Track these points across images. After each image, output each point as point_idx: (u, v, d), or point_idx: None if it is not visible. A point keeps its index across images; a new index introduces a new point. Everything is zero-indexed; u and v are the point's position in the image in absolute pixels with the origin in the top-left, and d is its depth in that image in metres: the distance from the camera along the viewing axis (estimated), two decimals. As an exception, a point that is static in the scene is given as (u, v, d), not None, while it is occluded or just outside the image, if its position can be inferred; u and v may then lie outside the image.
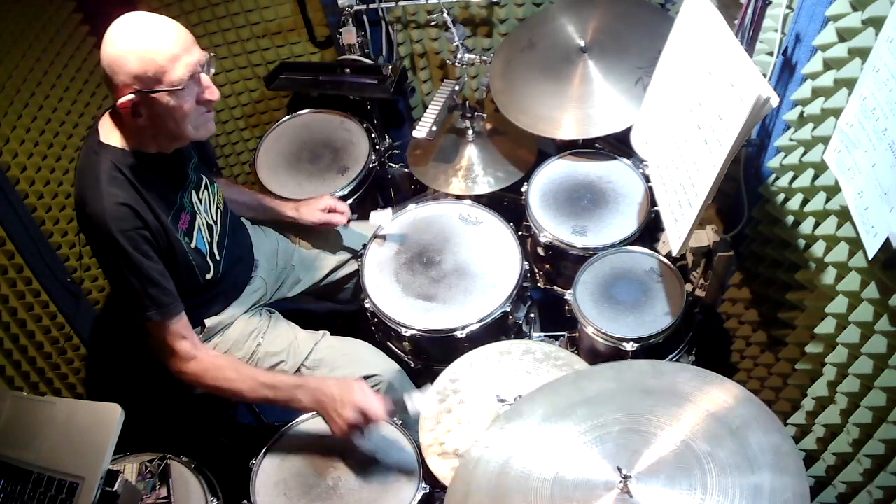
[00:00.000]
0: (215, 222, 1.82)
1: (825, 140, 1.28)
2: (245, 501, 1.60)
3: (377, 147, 2.45)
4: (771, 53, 1.51)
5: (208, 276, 1.76)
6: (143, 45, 1.41)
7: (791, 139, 1.47)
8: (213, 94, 1.53)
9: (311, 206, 2.06)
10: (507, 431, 1.34)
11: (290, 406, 1.67)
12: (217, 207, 1.84)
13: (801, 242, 1.46)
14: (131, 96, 1.44)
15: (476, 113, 2.35)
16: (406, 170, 2.56)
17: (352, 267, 2.17)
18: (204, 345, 1.74)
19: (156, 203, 1.59)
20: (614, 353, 1.79)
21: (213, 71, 1.55)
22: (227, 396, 1.72)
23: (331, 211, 2.06)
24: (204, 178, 1.80)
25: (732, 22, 1.51)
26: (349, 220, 2.09)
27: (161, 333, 1.63)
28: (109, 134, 1.56)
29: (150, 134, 1.56)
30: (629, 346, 1.77)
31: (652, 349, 1.79)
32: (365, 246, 2.08)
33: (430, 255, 2.03)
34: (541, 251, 2.04)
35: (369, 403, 1.57)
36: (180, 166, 1.71)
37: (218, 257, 1.80)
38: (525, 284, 1.99)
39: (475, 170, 2.30)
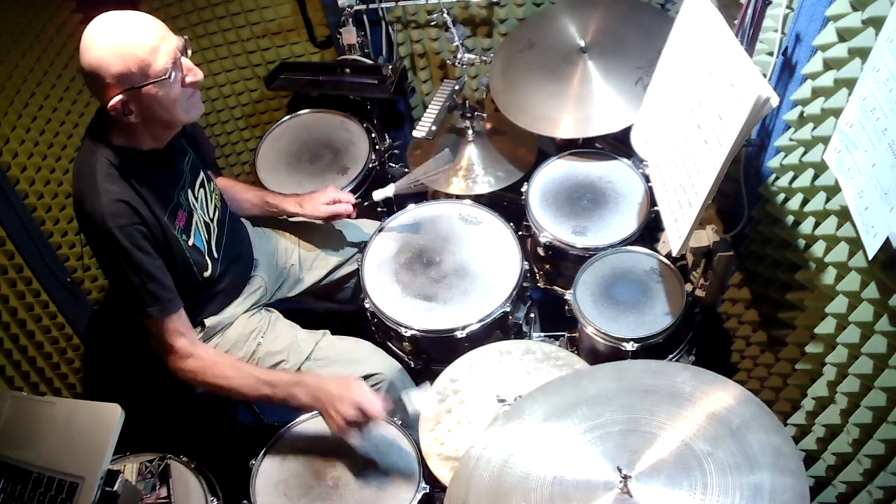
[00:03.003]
0: (212, 220, 1.82)
1: (825, 140, 1.28)
2: (245, 501, 1.60)
3: (377, 147, 2.45)
4: (771, 53, 1.51)
5: (206, 274, 1.76)
6: (121, 44, 1.41)
7: (791, 139, 1.47)
8: (195, 75, 1.53)
9: (315, 201, 2.03)
10: (506, 431, 1.34)
11: (289, 404, 1.66)
12: (215, 206, 1.84)
13: (801, 242, 1.46)
14: (120, 97, 1.45)
15: (476, 113, 2.35)
16: (406, 170, 2.56)
17: (352, 267, 2.17)
18: (202, 343, 1.74)
19: (152, 200, 1.59)
20: (614, 353, 1.79)
21: (190, 53, 1.54)
22: (224, 394, 1.71)
23: (335, 203, 2.04)
24: (201, 175, 1.80)
25: (732, 22, 1.51)
26: (355, 207, 2.06)
27: (160, 330, 1.64)
28: (103, 133, 1.56)
29: (142, 129, 1.56)
30: (629, 346, 1.76)
31: (652, 349, 1.79)
32: (365, 245, 2.08)
33: (430, 255, 2.03)
34: (541, 251, 2.04)
35: (368, 401, 1.56)
36: (175, 163, 1.71)
37: (216, 255, 1.81)
38: (525, 284, 1.99)
39: (475, 170, 2.30)
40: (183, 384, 1.88)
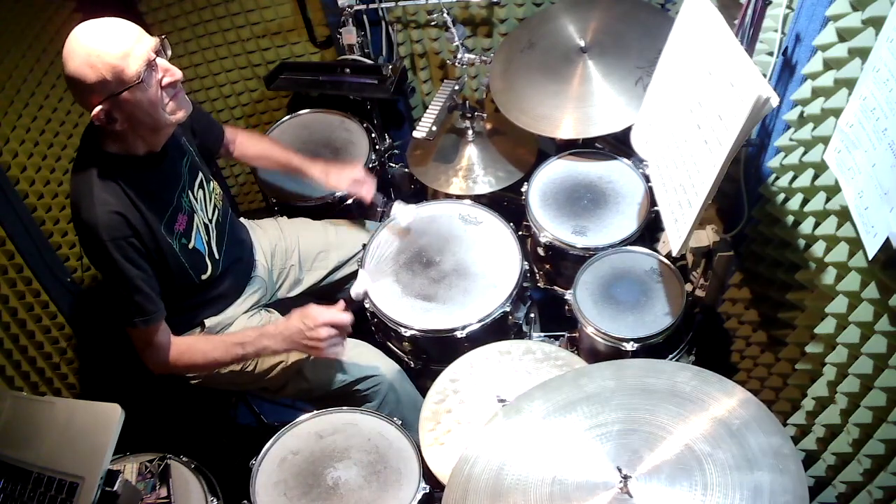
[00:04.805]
0: (211, 221, 1.82)
1: (825, 140, 1.28)
2: (245, 501, 1.60)
3: (377, 147, 2.45)
4: (771, 53, 1.51)
5: (205, 276, 1.76)
6: (92, 53, 1.40)
7: (791, 139, 1.47)
8: (173, 75, 1.52)
9: (342, 174, 2.08)
10: (505, 430, 1.34)
11: (264, 355, 1.81)
12: (214, 206, 1.84)
13: (801, 242, 1.46)
14: (101, 106, 1.45)
15: (476, 113, 2.35)
16: (406, 170, 2.56)
17: (352, 267, 2.17)
18: (175, 337, 1.75)
19: (148, 208, 1.59)
20: (614, 353, 1.79)
21: (169, 53, 1.53)
22: (208, 369, 1.82)
23: (358, 182, 2.08)
24: (199, 175, 1.80)
25: (732, 22, 1.51)
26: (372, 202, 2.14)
27: (143, 338, 1.67)
28: (97, 142, 1.57)
29: (132, 135, 1.56)
30: (629, 346, 1.77)
31: (652, 349, 1.79)
32: (365, 246, 2.08)
33: (430, 255, 2.03)
34: (541, 251, 2.04)
35: (333, 316, 1.71)
36: (173, 165, 1.71)
37: (217, 256, 1.81)
38: (525, 284, 1.99)
39: (475, 170, 2.30)
40: (183, 383, 1.88)
